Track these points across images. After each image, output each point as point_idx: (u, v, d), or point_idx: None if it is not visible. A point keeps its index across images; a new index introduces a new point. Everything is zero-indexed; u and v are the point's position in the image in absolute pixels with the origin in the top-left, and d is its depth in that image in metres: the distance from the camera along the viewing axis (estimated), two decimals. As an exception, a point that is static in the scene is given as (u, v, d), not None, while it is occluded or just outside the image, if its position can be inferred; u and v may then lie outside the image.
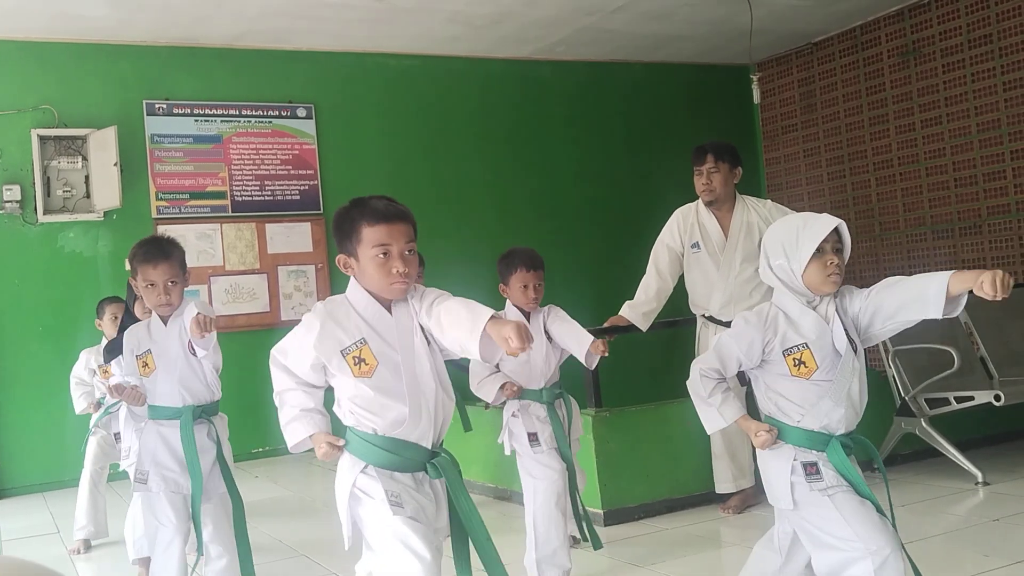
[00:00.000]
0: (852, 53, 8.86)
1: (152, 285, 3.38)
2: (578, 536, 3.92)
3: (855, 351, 2.50)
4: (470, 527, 2.38)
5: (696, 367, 2.63)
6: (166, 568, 3.42)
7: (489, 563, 2.37)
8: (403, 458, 2.33)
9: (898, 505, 4.49)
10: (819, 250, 2.45)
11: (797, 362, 2.48)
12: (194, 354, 3.43)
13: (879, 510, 2.47)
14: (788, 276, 2.52)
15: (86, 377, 5.10)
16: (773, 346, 2.51)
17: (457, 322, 2.25)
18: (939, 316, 2.38)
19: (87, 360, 5.13)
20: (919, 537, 3.97)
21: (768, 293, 4.34)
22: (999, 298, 2.21)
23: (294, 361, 2.39)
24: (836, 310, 2.50)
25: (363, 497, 2.31)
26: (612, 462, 4.62)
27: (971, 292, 2.30)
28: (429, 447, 2.37)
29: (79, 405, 5.06)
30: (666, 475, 4.75)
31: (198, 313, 3.17)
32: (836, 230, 2.48)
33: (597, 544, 3.83)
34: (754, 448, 2.67)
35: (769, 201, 4.85)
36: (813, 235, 2.46)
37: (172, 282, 3.40)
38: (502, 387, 3.64)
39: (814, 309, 2.52)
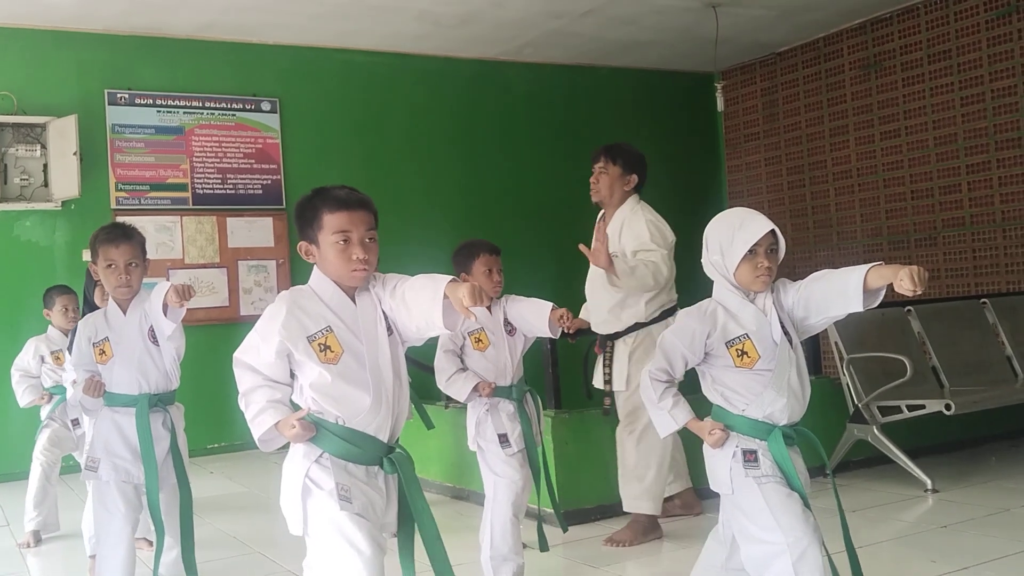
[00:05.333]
0: (815, 64, 8.98)
1: (112, 266, 3.37)
2: (526, 543, 3.92)
3: (791, 342, 2.58)
4: (421, 525, 2.37)
5: (645, 371, 2.69)
6: (113, 558, 3.37)
7: (437, 562, 2.37)
8: (361, 449, 2.32)
9: (849, 511, 4.54)
10: (752, 251, 2.54)
11: (740, 352, 2.56)
12: (154, 342, 3.41)
13: (807, 505, 2.54)
14: (722, 271, 2.61)
15: (33, 368, 4.96)
16: (714, 338, 2.58)
17: (421, 294, 2.28)
18: (861, 310, 2.45)
19: (35, 348, 4.98)
20: (869, 542, 4.04)
21: (615, 306, 4.31)
22: (918, 292, 2.28)
23: (258, 356, 2.36)
24: (773, 303, 2.59)
25: (313, 488, 2.29)
26: (570, 463, 4.64)
27: (893, 288, 2.37)
28: (386, 440, 2.37)
29: (24, 399, 4.92)
30: (623, 477, 4.78)
31: (171, 286, 3.18)
32: (773, 231, 2.56)
33: (544, 547, 3.87)
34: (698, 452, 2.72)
35: (649, 219, 4.36)
36: (747, 237, 2.54)
37: (133, 264, 3.39)
38: (476, 387, 3.58)
39: (752, 302, 2.60)
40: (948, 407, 4.86)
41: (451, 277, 2.24)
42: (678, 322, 2.69)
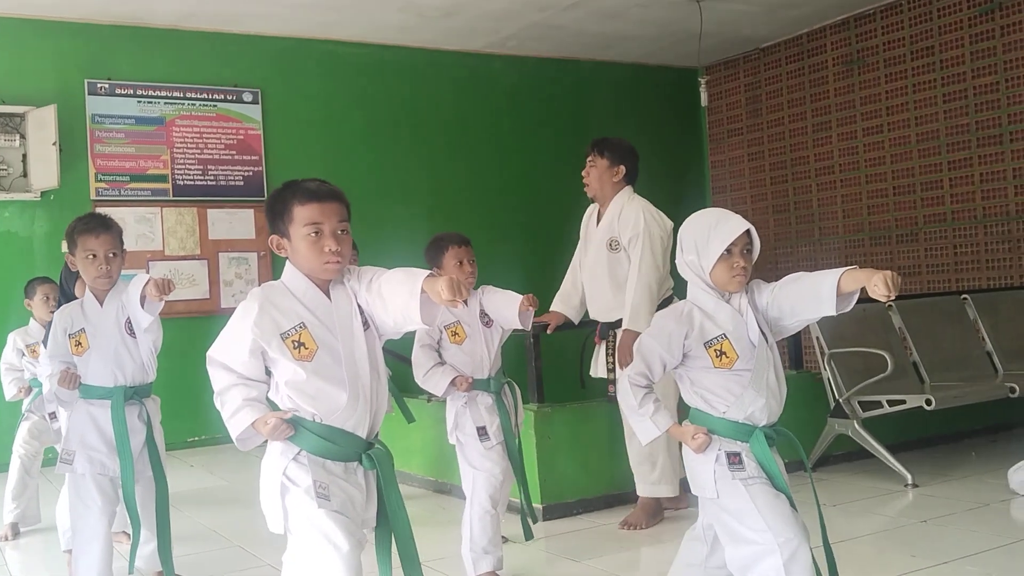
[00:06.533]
0: (798, 60, 9.00)
1: (93, 256, 3.35)
2: (507, 537, 3.93)
3: (767, 342, 2.57)
4: (395, 523, 2.35)
5: (624, 377, 2.67)
6: (90, 551, 3.35)
7: (408, 562, 2.36)
8: (339, 446, 2.30)
9: (829, 505, 4.60)
10: (727, 251, 2.54)
11: (718, 353, 2.55)
12: (131, 334, 3.39)
13: (792, 505, 2.54)
14: (698, 271, 2.60)
15: (15, 361, 4.96)
16: (692, 339, 2.57)
17: (398, 288, 2.26)
18: (834, 313, 2.45)
19: (14, 342, 4.99)
20: (849, 537, 4.05)
21: (618, 293, 4.36)
22: (891, 297, 2.28)
23: (231, 354, 2.33)
24: (748, 303, 2.59)
25: (290, 486, 2.27)
26: (552, 457, 4.64)
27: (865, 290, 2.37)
28: (364, 436, 2.35)
29: (9, 391, 4.93)
30: (605, 471, 4.78)
31: (151, 278, 3.17)
32: (748, 231, 2.56)
33: (529, 535, 3.88)
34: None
35: (649, 209, 4.47)
36: (722, 236, 2.54)
37: (113, 254, 3.38)
38: (453, 381, 3.60)
39: (727, 303, 2.60)
40: (928, 402, 4.88)
41: (429, 272, 2.22)
42: (654, 325, 2.67)
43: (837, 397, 5.24)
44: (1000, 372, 5.87)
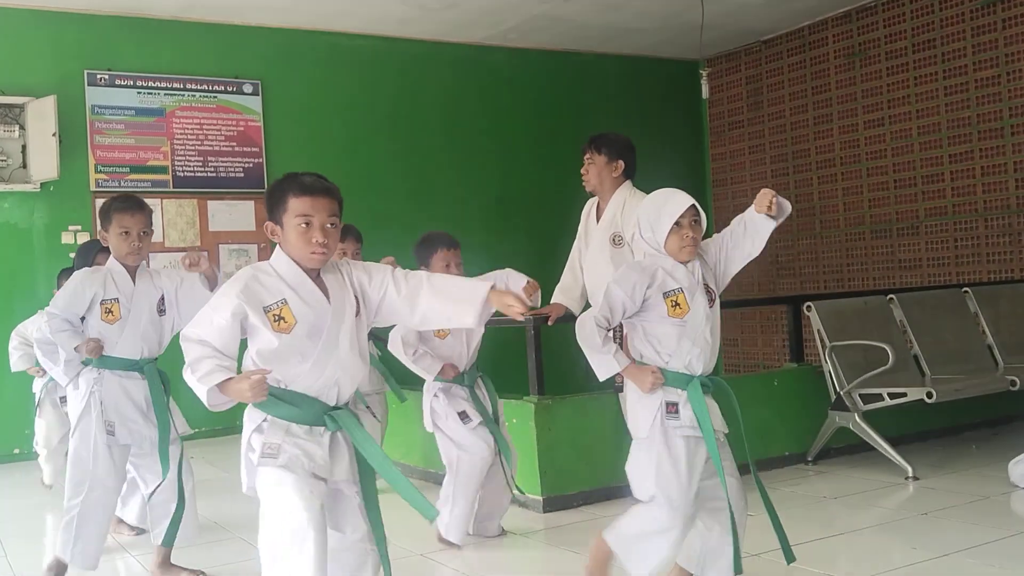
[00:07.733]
0: (800, 52, 8.98)
1: (127, 233, 3.60)
2: (506, 529, 4.04)
3: (712, 300, 2.94)
4: (368, 455, 2.51)
5: (588, 317, 2.94)
6: (94, 521, 3.62)
7: (371, 511, 2.56)
8: (301, 410, 2.48)
9: (831, 498, 4.61)
10: (677, 224, 2.90)
11: (674, 304, 2.90)
12: (160, 313, 3.66)
13: (719, 470, 2.86)
14: (654, 246, 2.96)
15: (30, 338, 4.98)
16: (653, 288, 2.90)
17: (452, 295, 2.53)
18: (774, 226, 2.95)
19: (38, 323, 4.98)
20: (849, 529, 4.06)
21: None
22: (773, 209, 2.91)
23: (210, 326, 2.45)
24: (700, 267, 2.97)
25: (249, 452, 2.50)
26: (553, 449, 4.63)
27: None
28: (332, 403, 2.52)
29: (16, 365, 5.00)
30: (606, 463, 4.76)
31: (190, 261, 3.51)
32: (695, 206, 2.92)
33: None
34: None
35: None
36: (671, 212, 2.91)
37: (144, 232, 3.64)
38: (442, 369, 3.83)
39: (684, 264, 2.95)
40: (929, 395, 4.88)
41: (491, 284, 2.52)
42: (621, 275, 2.96)
43: (838, 390, 5.23)
44: (1001, 365, 5.87)
